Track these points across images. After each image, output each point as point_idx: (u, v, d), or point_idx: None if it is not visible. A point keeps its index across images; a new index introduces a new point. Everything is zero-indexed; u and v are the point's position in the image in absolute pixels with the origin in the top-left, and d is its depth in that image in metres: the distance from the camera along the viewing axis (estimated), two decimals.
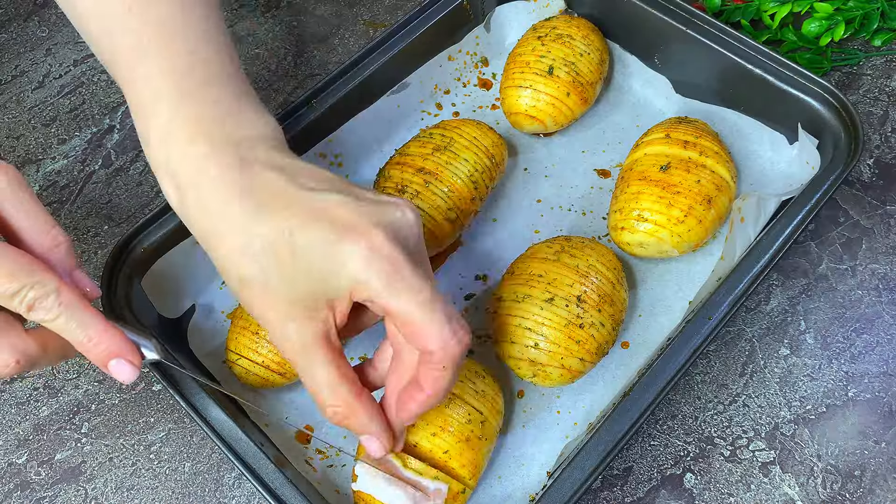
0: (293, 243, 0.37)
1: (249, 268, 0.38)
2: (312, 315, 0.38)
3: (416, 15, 0.63)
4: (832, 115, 0.57)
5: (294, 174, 0.39)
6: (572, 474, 0.44)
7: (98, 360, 0.40)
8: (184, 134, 0.40)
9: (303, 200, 0.38)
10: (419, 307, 0.37)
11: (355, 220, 0.37)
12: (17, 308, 0.37)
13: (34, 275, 0.37)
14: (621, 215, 0.56)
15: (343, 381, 0.39)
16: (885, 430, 0.53)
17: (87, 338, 0.39)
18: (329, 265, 0.37)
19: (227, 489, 0.52)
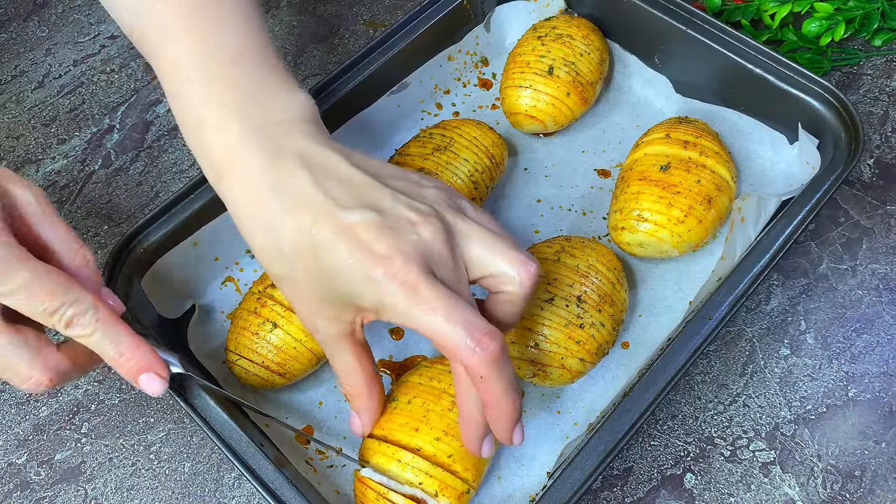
0: (318, 255, 0.38)
1: (280, 266, 0.40)
2: (339, 316, 0.40)
3: (416, 15, 0.63)
4: (832, 114, 0.57)
5: (323, 176, 0.39)
6: (572, 474, 0.44)
7: (128, 375, 0.41)
8: (213, 121, 0.41)
9: (328, 213, 0.38)
10: (438, 322, 0.37)
11: (374, 243, 0.37)
12: (55, 325, 0.38)
13: (72, 292, 0.38)
14: (621, 215, 0.56)
15: (359, 371, 0.43)
16: (886, 430, 0.53)
17: (119, 353, 0.40)
18: (351, 285, 0.38)
19: (226, 489, 0.52)
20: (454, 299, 0.37)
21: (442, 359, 0.51)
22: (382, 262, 0.37)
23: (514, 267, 0.40)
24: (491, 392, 0.39)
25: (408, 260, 0.37)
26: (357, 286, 0.38)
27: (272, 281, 0.42)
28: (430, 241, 0.39)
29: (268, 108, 0.41)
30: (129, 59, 0.72)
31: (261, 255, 0.41)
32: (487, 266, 0.40)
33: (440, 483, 0.45)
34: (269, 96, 0.42)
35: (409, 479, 0.44)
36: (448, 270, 0.39)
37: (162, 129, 0.68)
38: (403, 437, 0.45)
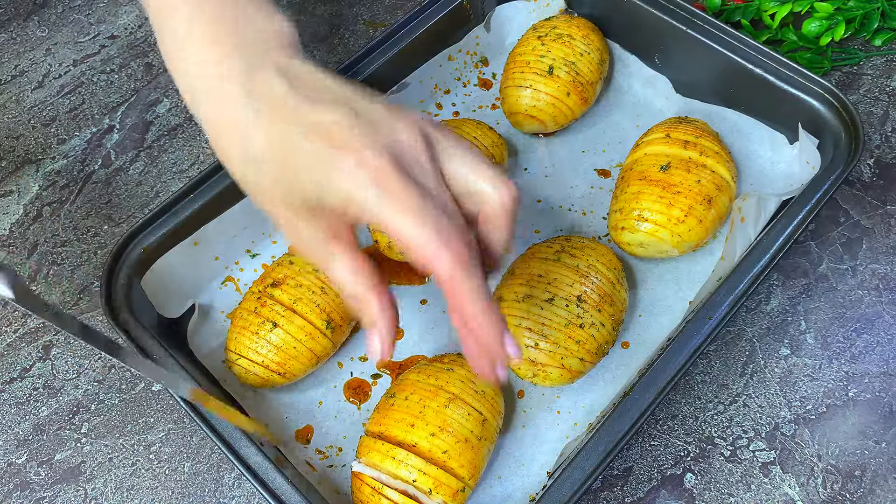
0: (287, 156, 0.37)
1: (249, 173, 0.39)
2: (317, 215, 0.38)
3: (416, 15, 0.63)
4: (832, 114, 0.57)
5: (297, 82, 0.39)
6: (572, 474, 0.44)
7: None
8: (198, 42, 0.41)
9: (301, 113, 0.37)
10: (407, 220, 0.35)
11: (347, 138, 0.36)
12: None
13: None
14: (621, 215, 0.56)
15: (361, 272, 0.39)
16: (886, 430, 0.53)
17: None
18: (321, 180, 0.37)
19: (226, 489, 0.52)
20: (426, 199, 0.36)
21: (441, 357, 0.51)
22: (353, 154, 0.36)
23: (494, 184, 0.38)
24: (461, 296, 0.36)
25: (380, 153, 0.36)
26: (325, 181, 0.36)
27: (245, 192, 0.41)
28: (408, 144, 0.37)
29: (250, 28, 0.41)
30: (129, 59, 0.72)
31: (233, 166, 0.40)
32: (467, 182, 0.38)
33: (434, 480, 0.45)
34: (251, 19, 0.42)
35: (404, 477, 0.45)
36: (425, 176, 0.37)
37: (162, 129, 0.68)
38: (400, 433, 0.46)
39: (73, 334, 0.40)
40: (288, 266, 0.53)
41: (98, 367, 0.56)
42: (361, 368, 0.55)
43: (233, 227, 0.57)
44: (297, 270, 0.52)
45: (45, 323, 0.58)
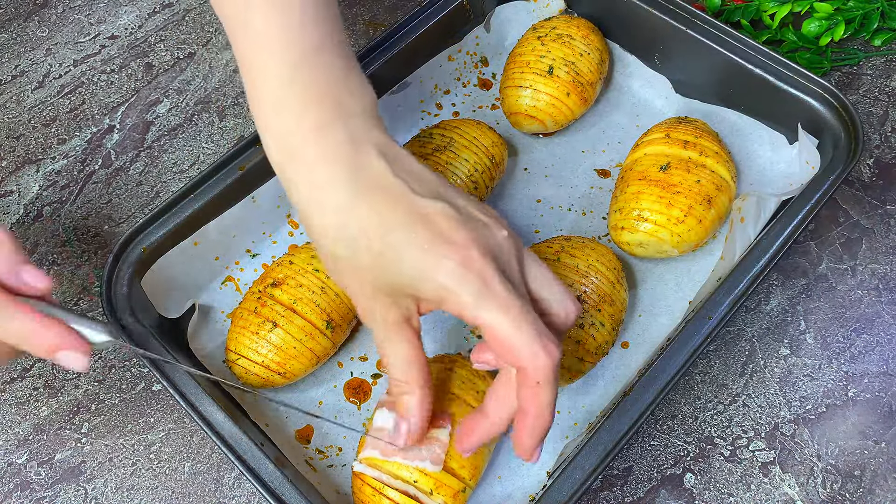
0: (388, 242, 0.38)
1: (342, 248, 0.39)
2: (397, 302, 0.39)
3: (416, 15, 0.63)
4: (832, 114, 0.57)
5: (399, 167, 0.40)
6: (572, 474, 0.45)
7: (43, 354, 0.39)
8: (297, 101, 0.40)
9: (405, 200, 0.38)
10: (508, 321, 0.36)
11: (453, 233, 0.37)
12: None
13: None
14: (621, 215, 0.56)
15: (416, 364, 0.41)
16: (885, 429, 0.53)
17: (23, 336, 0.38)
18: (420, 270, 0.37)
19: (227, 489, 0.52)
20: (524, 301, 0.37)
21: (442, 358, 0.51)
22: (459, 250, 0.37)
23: (564, 301, 0.40)
24: (539, 401, 0.38)
25: (484, 253, 0.37)
26: (426, 272, 0.37)
27: (325, 265, 0.41)
28: (504, 245, 0.39)
29: (348, 98, 0.41)
30: (130, 59, 0.72)
31: (322, 236, 0.40)
32: (541, 291, 0.40)
33: (435, 481, 0.45)
34: (347, 87, 0.42)
35: (405, 477, 0.45)
36: (516, 277, 0.39)
37: (162, 129, 0.68)
38: None
39: None
40: (288, 266, 0.53)
41: (98, 367, 0.56)
42: (362, 368, 0.55)
43: (233, 227, 0.57)
44: (297, 270, 0.52)
45: None
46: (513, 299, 0.37)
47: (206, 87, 0.70)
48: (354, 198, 0.38)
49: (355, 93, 0.41)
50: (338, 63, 0.41)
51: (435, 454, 0.45)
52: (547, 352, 0.37)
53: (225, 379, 0.53)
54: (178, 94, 0.70)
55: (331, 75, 0.41)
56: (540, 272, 0.40)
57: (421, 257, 0.37)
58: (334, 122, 0.40)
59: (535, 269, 0.40)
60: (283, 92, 0.40)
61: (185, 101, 0.69)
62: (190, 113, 0.68)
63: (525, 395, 0.38)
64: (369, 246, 0.38)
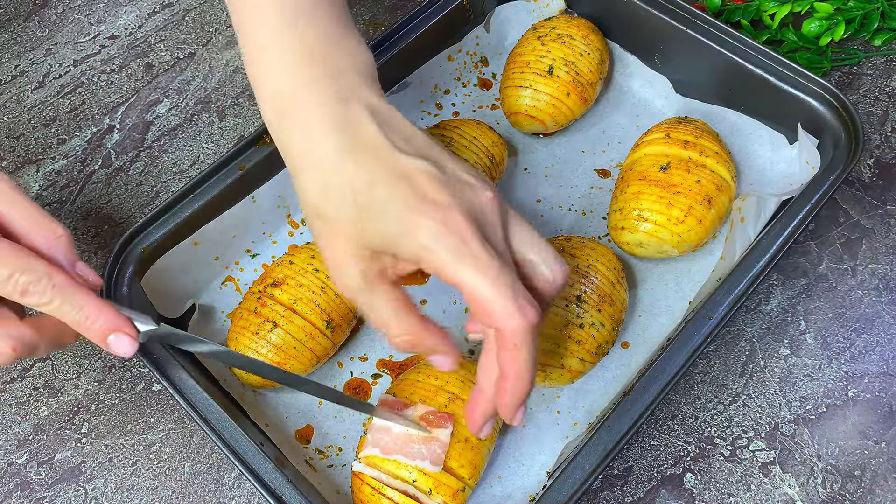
0: (372, 196, 0.38)
1: (326, 204, 0.39)
2: (376, 258, 0.40)
3: (416, 15, 0.63)
4: (832, 114, 0.57)
5: (387, 125, 0.40)
6: (572, 474, 0.44)
7: (96, 337, 0.41)
8: (289, 59, 0.41)
9: (391, 157, 0.38)
10: (485, 281, 0.37)
11: (435, 192, 0.37)
12: (11, 294, 0.38)
13: (22, 260, 0.38)
14: (621, 215, 0.56)
15: (409, 311, 0.40)
16: (885, 429, 0.53)
17: (84, 316, 0.40)
18: (402, 228, 0.38)
19: (227, 489, 0.52)
20: (503, 262, 0.37)
21: None
22: (439, 209, 0.37)
23: (549, 263, 0.40)
24: (517, 361, 0.38)
25: (464, 213, 0.37)
26: (406, 229, 0.37)
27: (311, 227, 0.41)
28: (486, 206, 0.39)
29: (340, 56, 0.42)
30: (130, 59, 0.72)
31: (310, 194, 0.40)
32: (526, 254, 0.40)
33: (434, 481, 0.45)
34: (341, 45, 0.42)
35: (404, 476, 0.45)
36: (497, 240, 0.39)
37: (162, 129, 0.68)
38: None
39: None
40: (288, 266, 0.53)
41: (98, 367, 0.56)
42: (361, 368, 0.55)
43: (233, 227, 0.57)
44: (297, 270, 0.52)
45: None
46: (491, 260, 0.37)
47: (206, 87, 0.70)
48: (342, 153, 0.39)
49: (349, 52, 0.42)
50: (332, 24, 0.42)
51: (435, 454, 0.45)
52: (523, 313, 0.37)
53: (226, 378, 0.53)
54: (178, 94, 0.70)
55: (323, 35, 0.42)
56: (526, 234, 0.40)
57: (402, 214, 0.37)
58: (325, 78, 0.41)
59: (521, 231, 0.40)
60: (276, 52, 0.41)
61: (185, 101, 0.69)
62: (190, 113, 0.68)
63: (503, 357, 0.38)
64: (355, 199, 0.38)
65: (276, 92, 0.42)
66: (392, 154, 0.39)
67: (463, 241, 0.37)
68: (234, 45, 0.73)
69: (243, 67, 0.70)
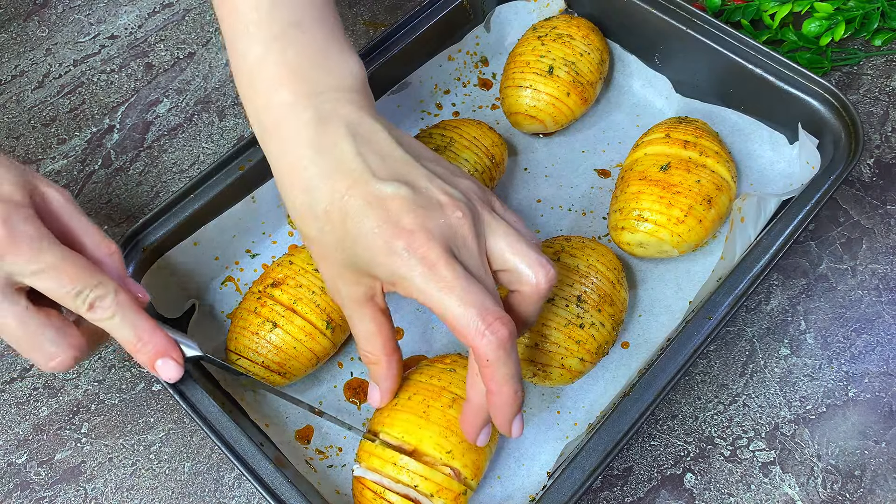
0: (346, 221, 0.39)
1: (310, 227, 0.41)
2: (359, 280, 0.41)
3: (415, 15, 0.63)
4: (832, 114, 0.57)
5: (365, 145, 0.41)
6: (572, 474, 0.44)
7: (145, 361, 0.43)
8: (270, 78, 0.42)
9: (366, 183, 0.39)
10: (452, 302, 0.37)
11: (402, 216, 0.38)
12: (77, 307, 0.40)
13: (96, 276, 0.40)
14: (621, 215, 0.56)
15: (378, 336, 0.44)
16: (886, 429, 0.53)
17: (137, 338, 0.42)
18: (373, 254, 0.39)
19: (226, 489, 0.52)
20: (470, 281, 0.38)
21: (443, 358, 0.51)
22: (405, 235, 0.38)
23: (532, 267, 0.40)
24: (494, 378, 0.39)
25: (431, 237, 0.38)
26: (377, 256, 0.39)
27: (303, 240, 0.43)
28: (457, 225, 0.39)
29: (325, 71, 0.42)
30: (129, 59, 0.72)
31: (295, 214, 0.42)
32: (507, 261, 0.41)
33: (437, 486, 0.44)
34: (324, 61, 0.43)
35: (406, 481, 0.44)
36: (470, 257, 0.40)
37: (162, 128, 0.68)
38: (405, 433, 0.45)
39: None
40: (288, 266, 0.53)
41: (98, 368, 0.56)
42: (361, 368, 0.55)
43: (233, 227, 0.57)
44: (297, 270, 0.52)
45: None
46: (457, 280, 0.37)
47: (206, 86, 0.70)
48: (319, 178, 0.40)
49: (332, 68, 0.42)
50: (317, 38, 0.43)
51: None
52: (492, 330, 0.37)
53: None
54: (178, 93, 0.70)
55: (305, 52, 0.42)
56: (504, 242, 0.40)
57: (376, 242, 0.39)
58: (305, 97, 0.41)
59: (501, 238, 0.40)
60: (258, 69, 0.42)
61: (185, 101, 0.69)
62: (190, 113, 0.68)
63: (483, 374, 0.39)
64: (332, 228, 0.40)
65: (258, 110, 0.42)
66: (367, 179, 0.39)
67: (430, 265, 0.38)
68: None
69: None
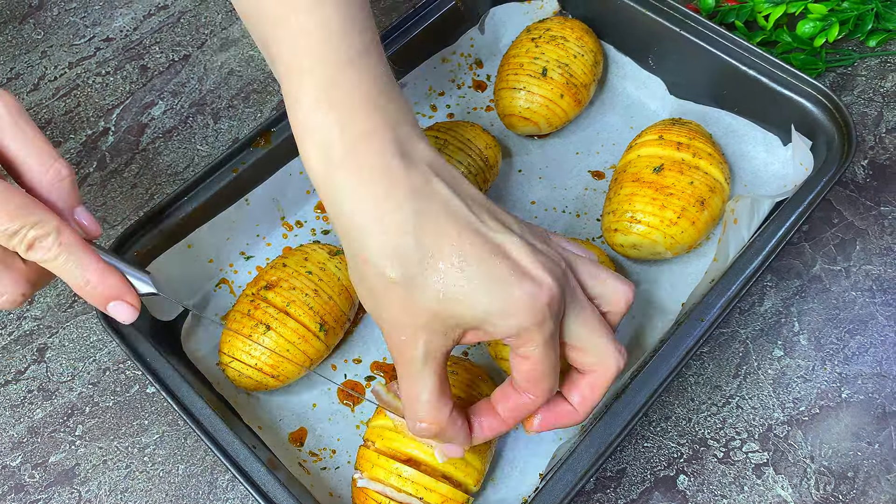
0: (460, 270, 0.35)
1: (399, 271, 0.36)
2: (446, 333, 0.37)
3: (410, 17, 0.63)
4: (825, 116, 0.57)
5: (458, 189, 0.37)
6: (564, 476, 0.44)
7: (96, 303, 0.39)
8: (341, 107, 0.37)
9: (479, 231, 0.36)
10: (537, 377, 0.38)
11: (533, 268, 0.36)
12: (16, 247, 0.37)
13: (35, 214, 0.36)
14: (615, 217, 0.56)
15: (445, 403, 0.39)
16: (878, 431, 0.53)
17: (85, 281, 0.38)
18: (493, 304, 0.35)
19: (220, 492, 0.52)
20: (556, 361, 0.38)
21: None
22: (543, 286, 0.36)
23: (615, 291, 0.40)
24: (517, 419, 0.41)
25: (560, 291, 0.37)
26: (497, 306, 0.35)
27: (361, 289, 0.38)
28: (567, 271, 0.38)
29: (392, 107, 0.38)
30: (125, 62, 0.72)
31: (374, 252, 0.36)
32: (593, 288, 0.40)
33: (442, 497, 0.44)
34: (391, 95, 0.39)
35: (410, 493, 0.44)
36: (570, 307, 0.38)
37: (157, 131, 0.68)
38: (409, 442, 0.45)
39: None
40: (282, 269, 0.53)
41: (92, 370, 0.56)
42: (355, 370, 0.55)
43: (227, 229, 0.57)
44: (290, 273, 0.52)
45: (40, 325, 0.58)
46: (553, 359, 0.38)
47: (201, 89, 0.70)
48: (417, 219, 0.36)
49: (400, 102, 0.39)
50: (381, 69, 0.39)
51: None
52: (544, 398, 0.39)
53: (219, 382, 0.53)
54: (173, 96, 0.70)
55: (375, 81, 0.38)
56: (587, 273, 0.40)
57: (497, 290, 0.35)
58: (382, 131, 0.37)
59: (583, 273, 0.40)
60: (327, 97, 0.37)
61: (180, 104, 0.69)
62: (185, 115, 0.69)
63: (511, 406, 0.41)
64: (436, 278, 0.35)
65: (327, 142, 0.37)
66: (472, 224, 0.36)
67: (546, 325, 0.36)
68: (228, 48, 0.73)
69: (238, 70, 0.71)
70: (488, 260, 0.36)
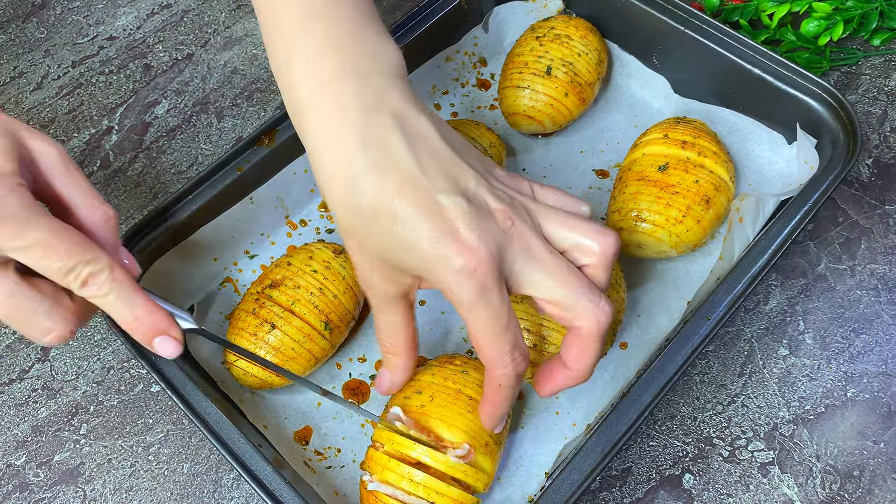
0: (396, 223, 0.37)
1: (350, 221, 0.39)
2: (397, 278, 0.40)
3: (414, 16, 0.63)
4: (830, 114, 0.57)
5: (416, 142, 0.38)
6: (570, 475, 0.44)
7: (143, 338, 0.41)
8: (311, 50, 0.39)
9: (417, 184, 0.37)
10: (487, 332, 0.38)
11: (466, 233, 0.37)
12: (70, 284, 0.38)
13: (89, 252, 0.38)
14: (619, 216, 0.56)
15: (404, 332, 0.44)
16: (884, 430, 0.53)
17: (134, 317, 0.40)
18: (426, 262, 0.38)
19: (225, 490, 0.52)
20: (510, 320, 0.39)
21: (452, 359, 0.50)
22: (466, 253, 0.37)
23: (595, 240, 0.40)
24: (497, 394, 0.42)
25: (491, 257, 0.37)
26: (430, 264, 0.37)
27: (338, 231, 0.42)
28: (512, 236, 0.39)
29: (365, 53, 0.39)
30: (128, 61, 0.72)
31: (334, 205, 0.39)
32: (565, 240, 0.40)
33: (452, 501, 0.44)
34: (366, 42, 0.40)
35: (421, 496, 0.44)
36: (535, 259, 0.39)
37: (160, 130, 0.68)
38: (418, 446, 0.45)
39: None
40: (286, 267, 0.53)
41: (97, 369, 0.56)
42: (360, 369, 0.55)
43: (231, 228, 0.57)
44: (295, 272, 0.52)
45: None
46: (501, 312, 0.38)
47: (205, 87, 0.70)
48: (366, 172, 0.37)
49: (376, 50, 0.40)
50: (356, 17, 0.40)
51: None
52: (514, 365, 0.40)
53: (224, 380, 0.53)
54: (177, 95, 0.70)
55: (347, 27, 0.40)
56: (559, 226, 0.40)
57: (426, 249, 0.37)
58: (347, 76, 0.38)
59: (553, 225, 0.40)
60: (298, 39, 0.40)
61: (184, 102, 0.69)
62: (188, 114, 0.68)
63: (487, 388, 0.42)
64: (378, 228, 0.38)
65: (296, 81, 0.39)
66: (419, 182, 0.37)
67: (483, 288, 0.37)
68: (232, 46, 0.73)
69: (241, 68, 0.71)
70: (423, 218, 0.37)
